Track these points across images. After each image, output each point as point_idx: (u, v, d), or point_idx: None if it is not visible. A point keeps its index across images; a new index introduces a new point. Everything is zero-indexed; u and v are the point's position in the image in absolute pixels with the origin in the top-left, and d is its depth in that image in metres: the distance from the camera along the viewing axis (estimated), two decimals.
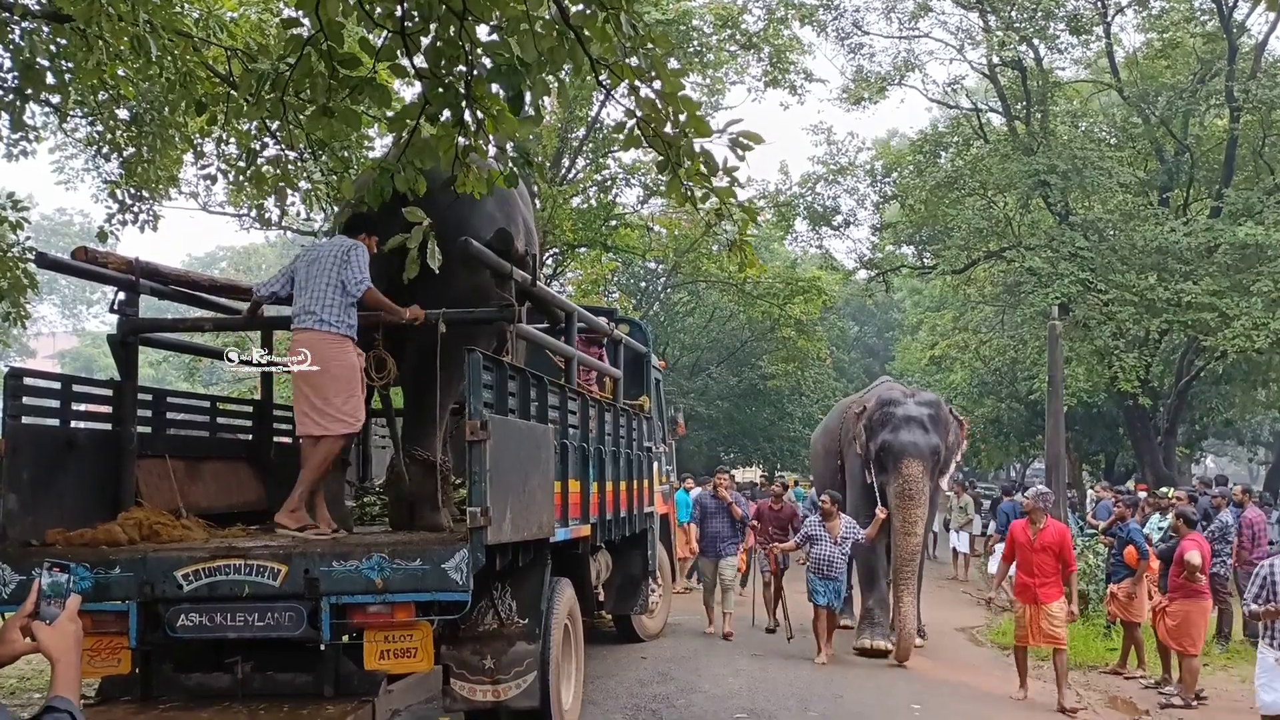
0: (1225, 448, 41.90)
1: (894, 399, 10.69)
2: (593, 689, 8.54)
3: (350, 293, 5.77)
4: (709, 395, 29.25)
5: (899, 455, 10.23)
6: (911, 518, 10.13)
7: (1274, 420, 31.87)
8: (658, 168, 5.47)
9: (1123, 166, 20.15)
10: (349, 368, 5.80)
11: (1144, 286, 17.69)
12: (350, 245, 5.87)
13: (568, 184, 20.21)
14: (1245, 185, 19.91)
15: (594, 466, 7.62)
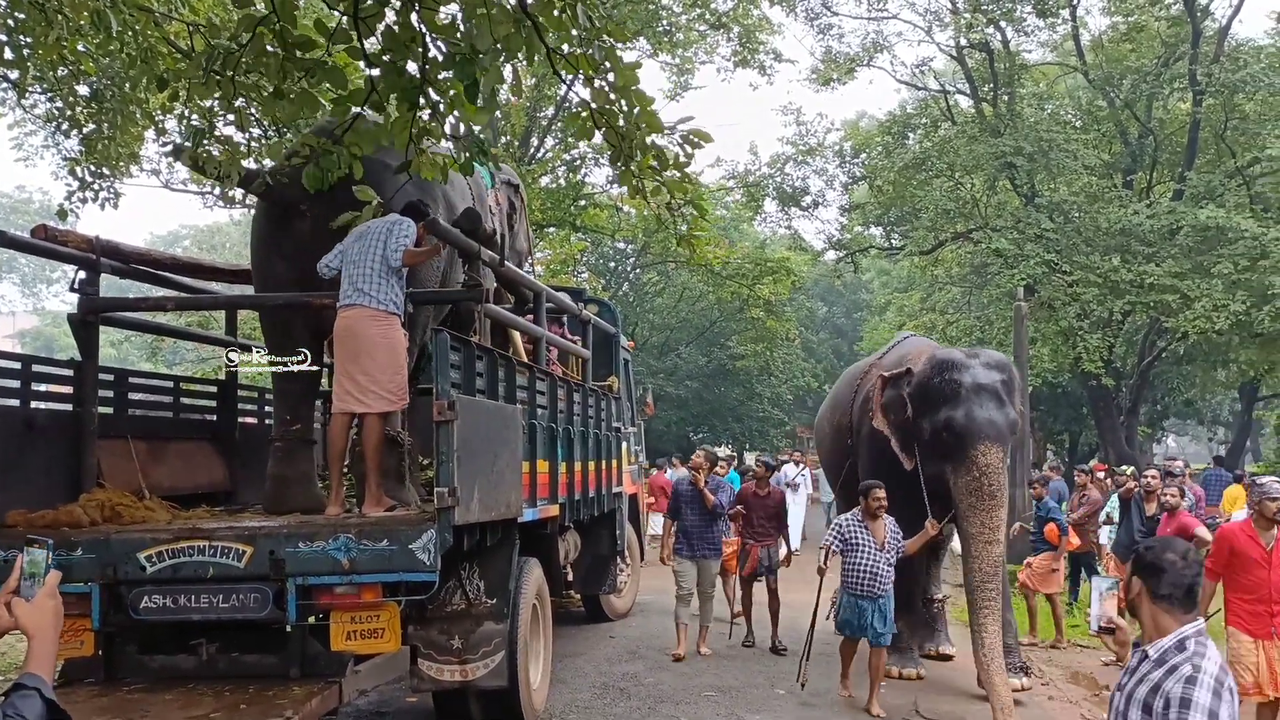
0: (1186, 427, 42.49)
1: (954, 361, 8.02)
2: (561, 668, 8.57)
3: (391, 265, 5.71)
4: (678, 375, 29.29)
5: (971, 439, 7.62)
6: (993, 521, 7.64)
7: (1233, 400, 32.32)
8: (610, 160, 5.45)
9: (1088, 149, 20.31)
10: (393, 343, 5.75)
11: (1108, 268, 17.86)
12: (397, 220, 5.83)
13: (536, 163, 20.12)
14: (1207, 168, 20.13)
15: (562, 446, 7.62)
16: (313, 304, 6.03)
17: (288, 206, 6.18)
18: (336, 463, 5.87)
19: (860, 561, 7.68)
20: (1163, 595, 2.90)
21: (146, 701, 5.13)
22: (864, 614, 7.66)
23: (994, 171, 20.24)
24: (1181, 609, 2.89)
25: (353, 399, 5.70)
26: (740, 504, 9.92)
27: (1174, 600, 2.89)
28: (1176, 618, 2.89)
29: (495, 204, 8.18)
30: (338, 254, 5.85)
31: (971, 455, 7.60)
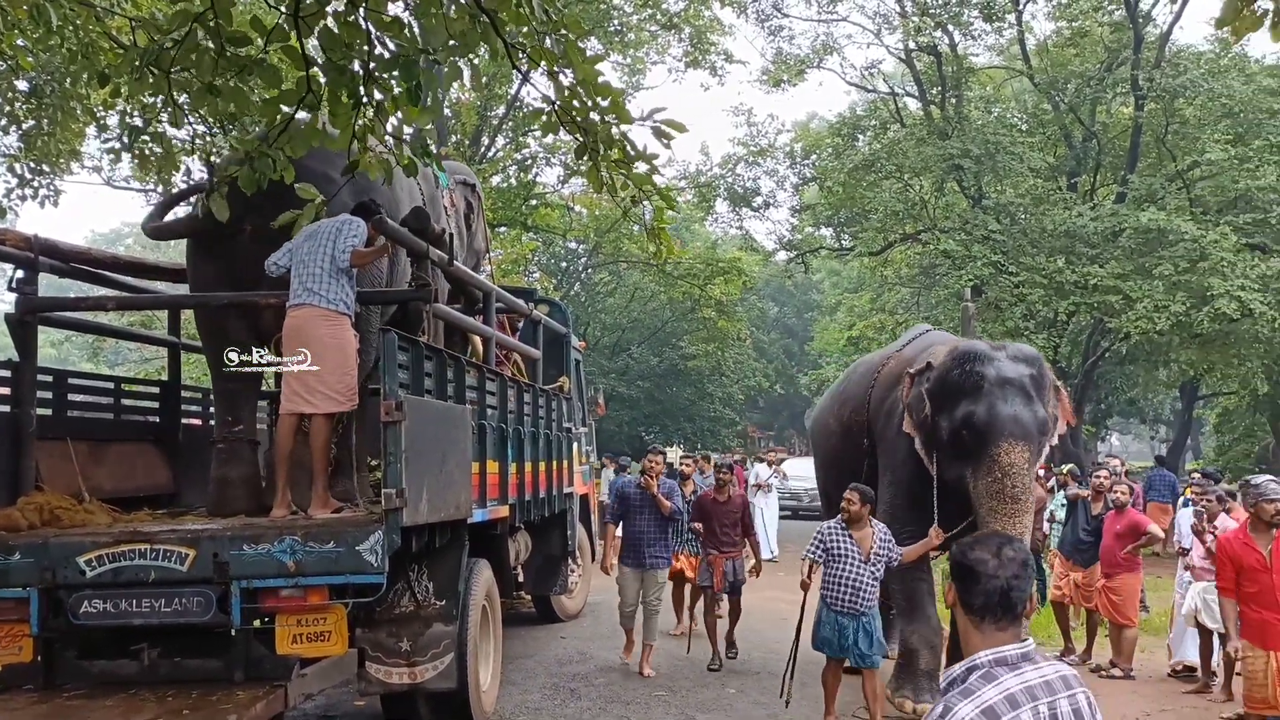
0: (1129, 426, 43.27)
1: (978, 353, 7.27)
2: (512, 669, 8.54)
3: (340, 265, 5.65)
4: (630, 375, 29.33)
5: (993, 436, 6.90)
6: (1016, 528, 6.76)
7: (1174, 399, 32.95)
8: (575, 153, 5.43)
9: (1033, 152, 20.61)
10: (342, 343, 5.68)
11: (1053, 269, 18.13)
12: (347, 220, 5.78)
13: (487, 162, 20.04)
14: (1149, 172, 20.50)
15: (513, 447, 7.59)
16: (256, 304, 5.96)
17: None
18: (283, 464, 5.80)
19: (842, 573, 6.85)
20: (973, 607, 2.35)
21: (87, 708, 5.04)
22: (845, 632, 6.84)
23: (942, 173, 20.48)
24: (994, 624, 2.34)
25: (301, 399, 5.64)
26: (699, 515, 9.02)
27: (985, 613, 2.34)
28: (986, 635, 2.34)
29: (450, 204, 8.13)
30: (286, 252, 5.79)
31: (993, 455, 6.88)
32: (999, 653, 2.29)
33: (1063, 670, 2.34)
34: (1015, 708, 2.22)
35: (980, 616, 2.35)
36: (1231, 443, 28.15)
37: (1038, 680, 2.28)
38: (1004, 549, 2.37)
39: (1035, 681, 2.27)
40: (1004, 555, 2.36)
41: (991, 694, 2.22)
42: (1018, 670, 2.27)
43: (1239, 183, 17.51)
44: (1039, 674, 2.29)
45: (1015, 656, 2.29)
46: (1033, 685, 2.26)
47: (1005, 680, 2.25)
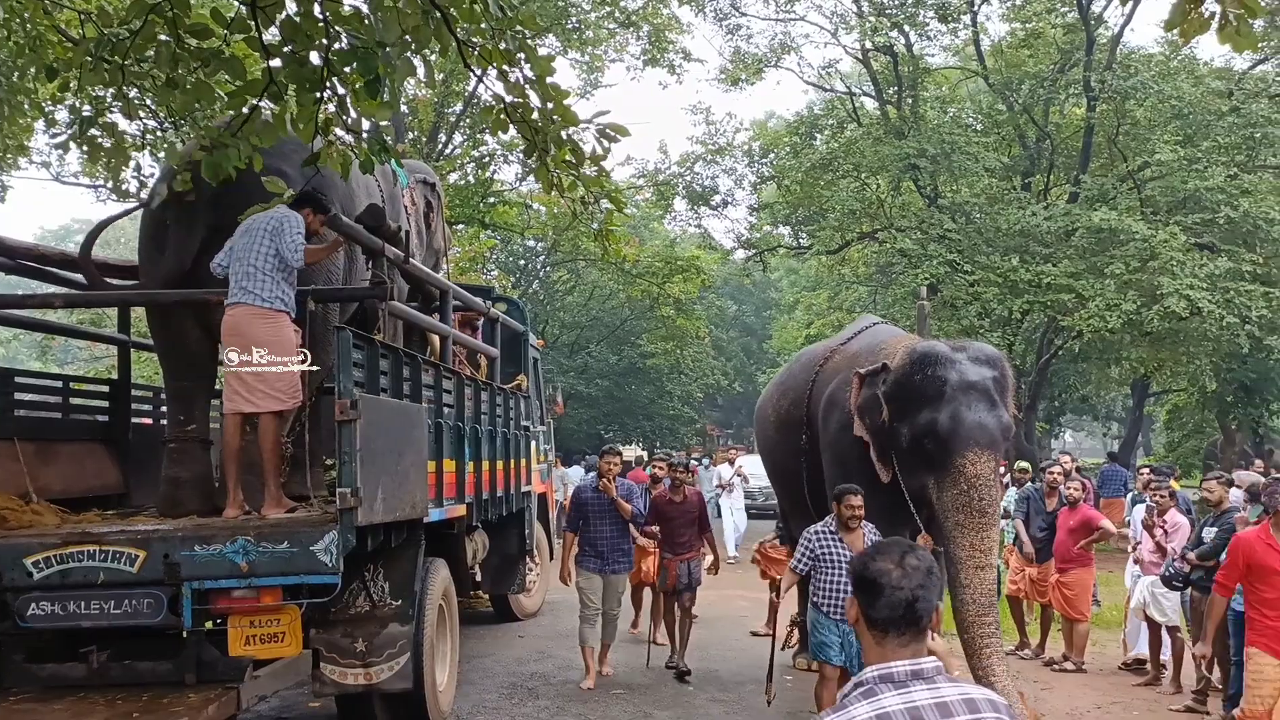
0: (1082, 423, 43.87)
1: (937, 354, 6.84)
2: (469, 669, 8.50)
3: (288, 263, 5.58)
4: (589, 373, 29.31)
5: (958, 446, 6.52)
6: (985, 542, 6.55)
7: (1126, 396, 33.45)
8: (525, 153, 5.43)
9: (988, 152, 20.79)
10: (282, 342, 5.59)
11: (1007, 268, 18.31)
12: (284, 215, 5.69)
13: (444, 160, 19.93)
14: (1100, 172, 20.76)
15: (470, 446, 7.56)
16: (207, 301, 5.89)
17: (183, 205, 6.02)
18: (232, 464, 5.74)
19: (837, 579, 6.56)
20: (876, 621, 2.16)
21: (36, 712, 4.97)
22: (849, 639, 6.50)
23: (898, 173, 20.62)
24: (897, 637, 2.15)
25: (241, 399, 5.58)
26: (655, 518, 8.72)
27: (889, 626, 2.15)
28: (887, 650, 2.15)
29: (410, 203, 8.09)
30: (227, 251, 5.73)
31: (959, 465, 6.50)
32: (885, 669, 2.11)
33: (971, 693, 2.12)
34: None
35: (884, 630, 2.16)
36: (1181, 439, 28.64)
37: (928, 700, 2.06)
38: (907, 558, 2.19)
39: (924, 702, 2.05)
40: (908, 565, 2.18)
41: (862, 712, 2.04)
42: (903, 689, 2.08)
43: (1188, 183, 17.78)
44: (932, 694, 2.07)
45: (904, 673, 2.10)
46: (919, 705, 2.05)
47: (884, 699, 2.06)
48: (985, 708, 2.09)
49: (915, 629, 2.15)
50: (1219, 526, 7.66)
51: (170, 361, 6.44)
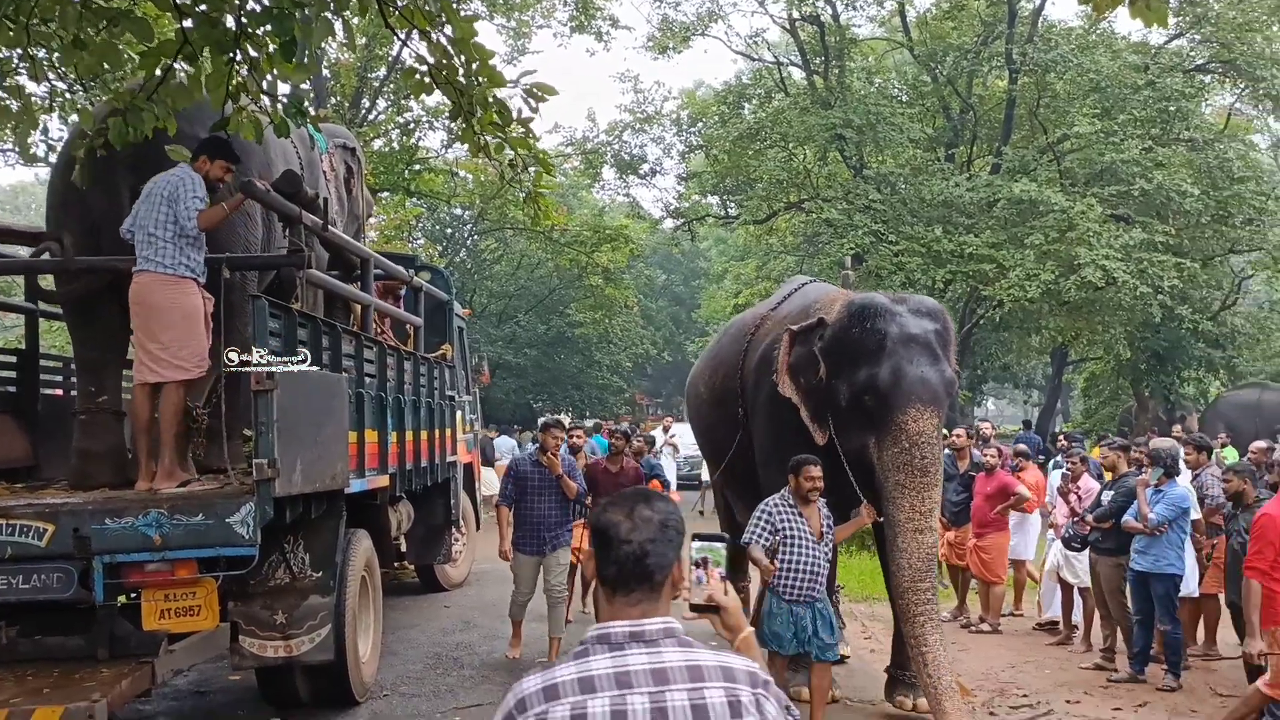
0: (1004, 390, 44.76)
1: (877, 307, 6.46)
2: (393, 639, 8.46)
3: (186, 230, 5.41)
4: (517, 343, 29.16)
5: (899, 402, 6.17)
6: (925, 503, 6.20)
7: (1046, 365, 34.20)
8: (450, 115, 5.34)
9: (913, 123, 21.03)
10: (187, 310, 5.44)
11: (930, 238, 18.57)
12: (181, 179, 5.49)
13: (368, 125, 19.59)
14: (1022, 144, 21.13)
15: (392, 416, 7.49)
16: (119, 269, 5.73)
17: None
18: (142, 436, 5.61)
19: (797, 557, 6.09)
20: (607, 576, 1.98)
21: None
22: (802, 623, 6.10)
23: (825, 143, 20.76)
24: (624, 595, 1.95)
25: (147, 369, 5.46)
26: (590, 488, 8.21)
27: (618, 583, 1.96)
28: (616, 608, 1.96)
29: (330, 169, 7.94)
30: (133, 216, 5.57)
31: (899, 422, 6.14)
32: (604, 629, 1.94)
33: (701, 659, 1.90)
34: (587, 691, 1.85)
35: (613, 587, 1.97)
36: (1098, 406, 29.39)
37: (643, 665, 1.87)
38: (640, 509, 2.00)
39: (638, 667, 1.87)
40: (639, 516, 1.98)
41: (565, 672, 1.89)
42: (620, 651, 1.89)
43: (1105, 156, 18.17)
44: (650, 658, 1.88)
45: (622, 635, 1.91)
46: (631, 671, 1.87)
47: (593, 661, 1.89)
48: (714, 676, 1.89)
49: (647, 586, 1.95)
50: (1115, 490, 7.94)
51: (80, 331, 6.27)
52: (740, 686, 1.89)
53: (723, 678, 1.89)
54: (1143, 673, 7.92)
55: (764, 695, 1.91)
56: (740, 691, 1.89)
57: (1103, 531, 7.91)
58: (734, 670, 1.92)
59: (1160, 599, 7.59)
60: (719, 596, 2.16)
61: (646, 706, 1.84)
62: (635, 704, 1.84)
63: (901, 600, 6.19)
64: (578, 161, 25.64)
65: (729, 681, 1.89)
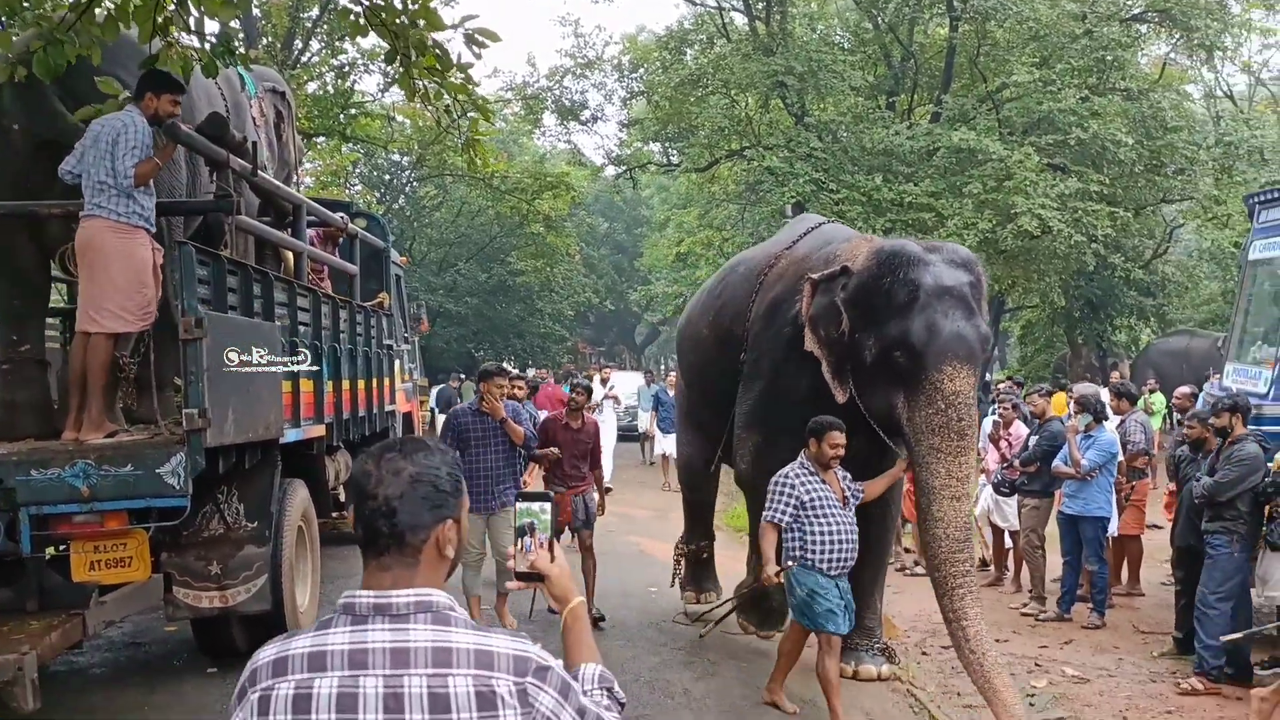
0: None
1: (909, 255, 5.90)
2: (332, 589, 8.41)
3: (119, 182, 5.18)
4: (458, 291, 28.92)
5: (934, 359, 5.67)
6: (962, 468, 5.75)
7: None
8: (386, 59, 5.23)
9: (854, 70, 20.99)
10: (137, 261, 5.26)
11: (871, 187, 18.64)
12: (124, 126, 5.23)
13: (301, 68, 19.14)
14: (961, 92, 21.21)
15: (328, 365, 7.40)
16: (39, 214, 5.56)
17: None
18: (76, 385, 5.48)
19: (832, 527, 5.63)
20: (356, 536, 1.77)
21: None
22: (848, 598, 5.73)
23: (766, 90, 20.68)
24: (375, 558, 1.73)
25: (88, 318, 5.30)
26: (544, 441, 7.61)
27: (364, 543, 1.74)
28: (369, 572, 1.74)
29: (260, 113, 7.74)
30: (78, 157, 5.32)
31: (935, 381, 5.64)
32: (351, 597, 1.72)
33: (457, 641, 1.67)
34: (317, 669, 1.65)
35: (364, 550, 1.74)
36: (1034, 353, 29.94)
37: (383, 644, 1.65)
38: (390, 459, 1.75)
39: (377, 645, 1.65)
40: (387, 467, 1.74)
41: (299, 644, 1.69)
42: (361, 625, 1.68)
43: (1042, 105, 18.31)
44: (393, 637, 1.66)
45: (366, 606, 1.69)
46: (369, 648, 1.65)
47: (331, 635, 1.68)
48: (464, 661, 1.66)
49: (397, 550, 1.72)
50: (1041, 435, 8.13)
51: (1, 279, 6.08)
52: (498, 675, 1.66)
53: (475, 664, 1.66)
54: (1069, 612, 8.17)
55: (537, 685, 1.68)
56: (496, 681, 1.66)
57: (1027, 475, 8.14)
58: (495, 656, 1.68)
59: (1089, 541, 7.81)
60: (542, 564, 2.02)
61: (380, 691, 1.63)
62: (367, 687, 1.63)
63: (939, 573, 5.67)
64: (518, 107, 25.34)
65: (483, 669, 1.66)
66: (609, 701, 1.88)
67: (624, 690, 1.90)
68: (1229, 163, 19.44)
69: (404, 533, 1.71)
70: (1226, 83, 27.93)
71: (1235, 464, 6.67)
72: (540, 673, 1.70)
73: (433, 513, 1.74)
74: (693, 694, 6.39)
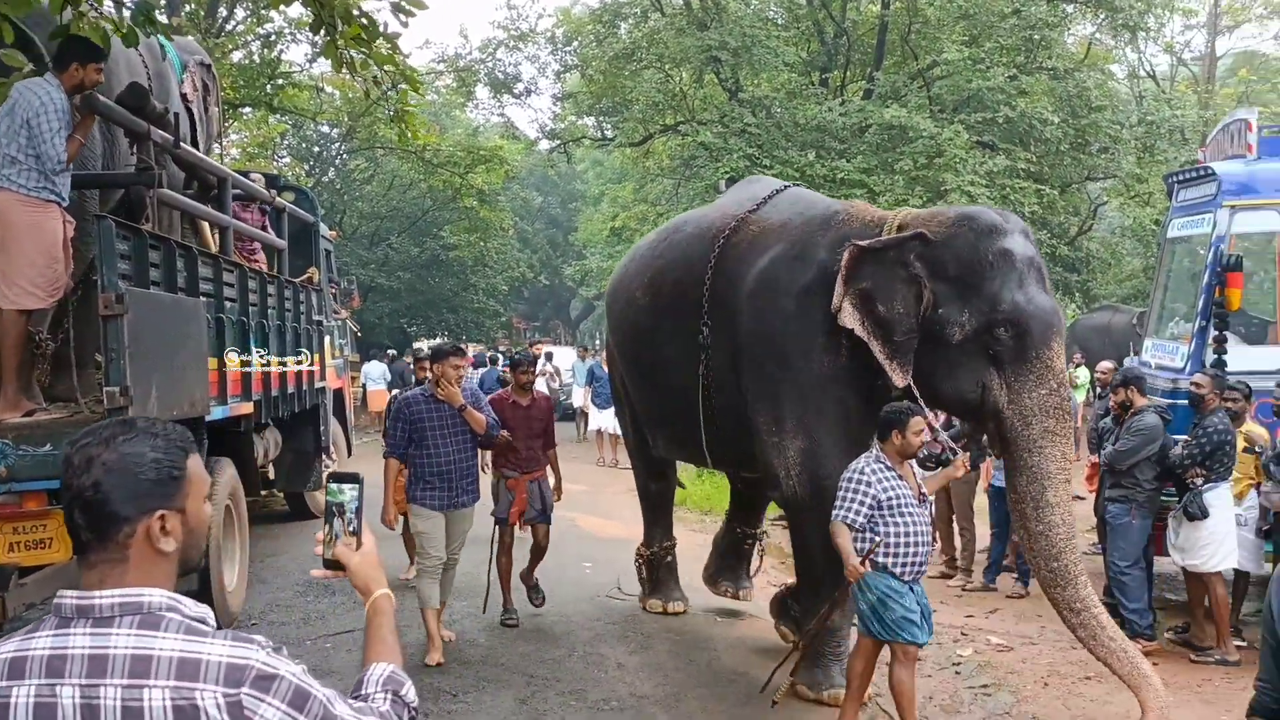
0: None
1: (994, 223, 5.47)
2: (262, 568, 8.35)
3: (48, 167, 4.99)
4: (390, 266, 28.55)
5: (1047, 335, 5.31)
6: (1071, 451, 5.50)
7: None
8: (311, 28, 5.12)
9: (788, 46, 21.04)
10: (43, 234, 5.07)
11: (804, 163, 18.73)
12: (44, 103, 4.99)
13: (225, 37, 18.68)
14: (893, 70, 21.38)
15: (255, 341, 7.29)
16: None
17: None
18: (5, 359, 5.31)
19: (909, 529, 5.08)
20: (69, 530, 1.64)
21: None
22: (924, 604, 5.20)
23: (700, 65, 20.66)
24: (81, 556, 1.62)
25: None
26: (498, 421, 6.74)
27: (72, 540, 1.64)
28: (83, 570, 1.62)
29: (193, 88, 7.57)
30: None
31: (1046, 359, 5.28)
32: (60, 597, 1.59)
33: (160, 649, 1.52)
34: (16, 676, 1.54)
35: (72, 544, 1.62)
36: None
37: (82, 650, 1.52)
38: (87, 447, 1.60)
39: (77, 651, 1.52)
40: (81, 456, 1.58)
41: (5, 648, 1.57)
42: (65, 628, 1.55)
43: (972, 83, 18.52)
44: (94, 642, 1.52)
45: (70, 607, 1.56)
46: (69, 654, 1.52)
47: (37, 637, 1.56)
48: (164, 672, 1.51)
49: (99, 544, 1.57)
50: None
51: None
52: (204, 687, 1.50)
53: (176, 674, 1.51)
54: (994, 582, 8.36)
55: (256, 696, 1.52)
56: (200, 693, 1.50)
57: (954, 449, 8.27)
58: (202, 664, 1.52)
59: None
60: (342, 553, 1.90)
61: (76, 702, 1.50)
62: (64, 697, 1.51)
63: (1058, 562, 5.28)
64: (450, 80, 25.02)
65: (185, 680, 1.50)
66: (391, 707, 1.72)
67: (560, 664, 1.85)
68: (1151, 142, 19.86)
69: (106, 526, 1.56)
70: (1149, 63, 28.51)
71: (1134, 434, 6.93)
72: (261, 682, 1.53)
73: (135, 504, 1.58)
74: (627, 667, 6.45)
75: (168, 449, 1.63)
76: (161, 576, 1.60)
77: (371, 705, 1.70)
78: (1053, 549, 5.29)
